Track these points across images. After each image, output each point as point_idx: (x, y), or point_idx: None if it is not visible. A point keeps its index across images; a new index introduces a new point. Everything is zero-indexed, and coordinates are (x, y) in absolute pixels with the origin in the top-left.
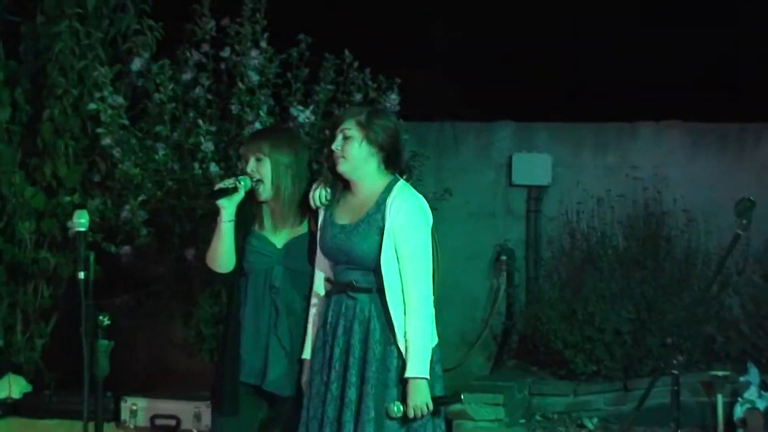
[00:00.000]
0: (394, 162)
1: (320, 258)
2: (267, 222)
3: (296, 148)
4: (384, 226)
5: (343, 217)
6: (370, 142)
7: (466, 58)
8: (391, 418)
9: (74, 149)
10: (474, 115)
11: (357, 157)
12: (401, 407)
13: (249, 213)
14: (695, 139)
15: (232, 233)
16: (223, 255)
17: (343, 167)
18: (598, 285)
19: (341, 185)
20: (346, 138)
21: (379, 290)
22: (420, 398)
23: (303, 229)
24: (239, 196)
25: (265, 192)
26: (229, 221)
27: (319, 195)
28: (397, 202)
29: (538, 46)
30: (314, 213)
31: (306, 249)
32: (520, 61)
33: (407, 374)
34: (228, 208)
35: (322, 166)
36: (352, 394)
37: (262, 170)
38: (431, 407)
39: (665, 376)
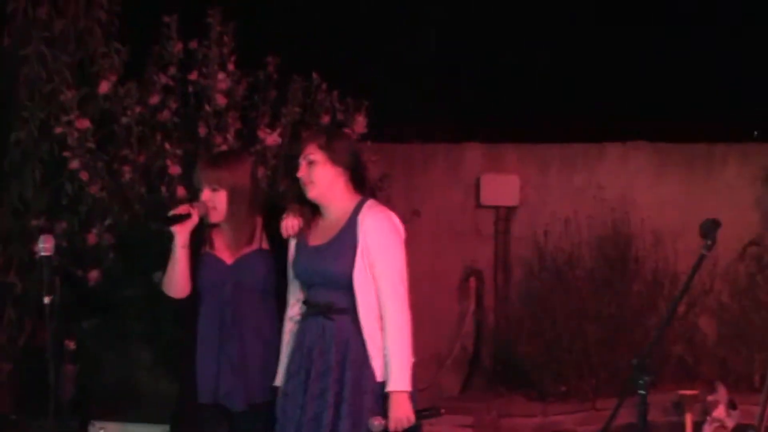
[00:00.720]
0: (360, 180)
1: (292, 283)
2: (218, 242)
3: (250, 174)
4: (356, 245)
5: (315, 239)
6: (334, 163)
7: (434, 79)
8: None
9: (41, 173)
10: (442, 135)
11: (324, 180)
12: (382, 422)
13: (200, 235)
14: (662, 159)
15: (187, 259)
16: (178, 280)
17: (312, 193)
18: (567, 305)
19: (309, 210)
20: (310, 163)
21: (355, 310)
22: (402, 411)
23: (253, 245)
24: (194, 222)
25: (217, 216)
26: (183, 247)
27: (290, 226)
28: (368, 220)
29: (505, 67)
30: (271, 234)
31: (256, 265)
32: (488, 81)
33: (389, 388)
34: (182, 233)
35: (287, 190)
36: (327, 416)
37: (217, 199)
38: (412, 420)
39: (633, 396)
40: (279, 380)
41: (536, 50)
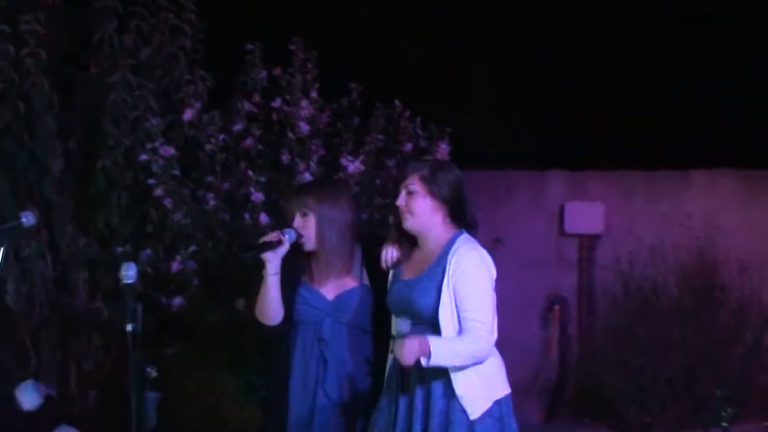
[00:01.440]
0: (459, 215)
1: (393, 314)
2: (314, 273)
3: (341, 201)
4: (443, 280)
5: (408, 272)
6: (434, 196)
7: (518, 105)
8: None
9: (126, 200)
10: (526, 163)
11: (422, 212)
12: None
13: (297, 264)
14: (748, 186)
15: (278, 286)
16: (270, 308)
17: (408, 223)
18: (651, 335)
19: (407, 241)
20: (410, 193)
21: None
22: (409, 348)
23: (354, 282)
24: (284, 249)
25: (310, 244)
26: (274, 274)
27: (388, 255)
28: (458, 255)
29: (589, 93)
30: (371, 267)
31: (357, 302)
32: (572, 107)
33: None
34: (273, 261)
35: (376, 217)
36: None
37: (307, 225)
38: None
39: (717, 428)
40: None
41: (621, 76)
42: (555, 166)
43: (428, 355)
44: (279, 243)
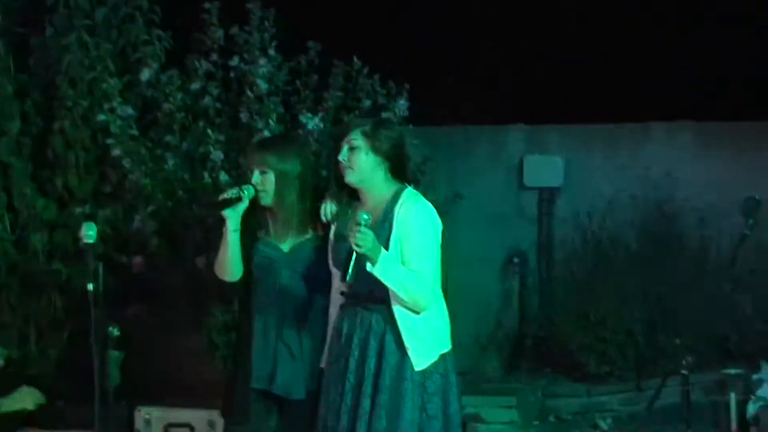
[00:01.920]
0: (400, 171)
1: (334, 272)
2: (272, 228)
3: (301, 158)
4: (390, 234)
5: None
6: (376, 152)
7: (476, 61)
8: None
9: (85, 161)
10: (485, 118)
11: (364, 167)
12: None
13: (254, 220)
14: (707, 138)
15: (238, 242)
16: (230, 264)
17: (350, 178)
18: (611, 286)
19: (347, 196)
20: (352, 149)
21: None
22: (367, 242)
23: (309, 234)
24: (243, 205)
25: (268, 199)
26: (235, 231)
27: (329, 209)
28: (403, 210)
29: (548, 48)
30: (324, 223)
31: (313, 253)
32: (531, 63)
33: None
34: (233, 218)
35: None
36: (366, 404)
37: (267, 182)
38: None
39: (677, 376)
40: (323, 363)
41: (579, 29)
42: (514, 121)
43: (375, 263)
44: (238, 199)
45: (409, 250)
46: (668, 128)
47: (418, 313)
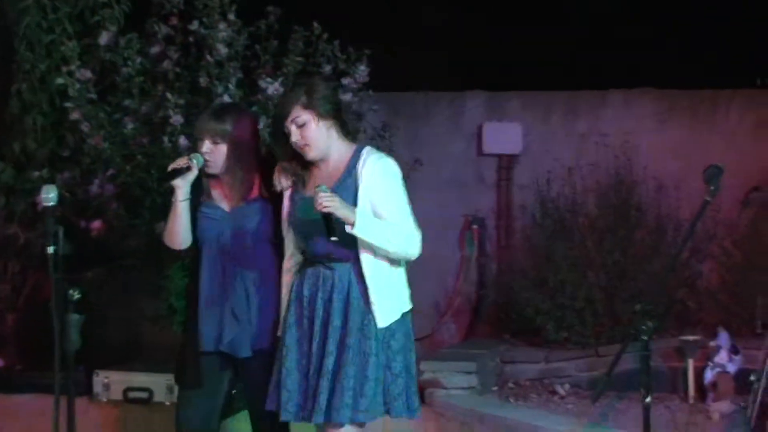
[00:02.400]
0: (346, 125)
1: (287, 235)
2: (215, 193)
3: (252, 129)
4: (356, 190)
5: (312, 189)
6: (321, 117)
7: (435, 27)
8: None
9: (43, 124)
10: (445, 84)
11: (318, 137)
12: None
13: (199, 186)
14: (666, 105)
15: (188, 211)
16: (179, 233)
17: (312, 154)
18: (569, 253)
19: (299, 163)
20: (300, 126)
21: (356, 258)
22: (335, 201)
23: (253, 196)
24: (193, 174)
25: (215, 169)
26: (184, 200)
27: (283, 182)
28: (368, 165)
29: (508, 14)
30: (270, 185)
31: (256, 211)
32: (490, 29)
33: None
34: (181, 187)
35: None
36: (329, 363)
37: (217, 152)
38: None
39: (636, 342)
40: (280, 331)
41: None
42: (473, 87)
43: (353, 224)
44: (188, 169)
45: (383, 205)
46: (627, 96)
47: (388, 270)
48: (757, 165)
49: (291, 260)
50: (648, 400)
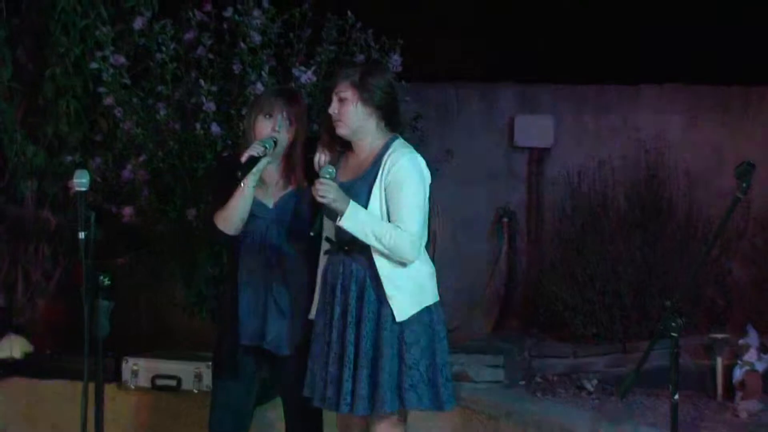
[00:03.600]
0: (393, 119)
1: (325, 220)
2: (257, 192)
3: (305, 113)
4: (375, 180)
5: (344, 176)
6: (365, 102)
7: (469, 19)
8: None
9: (76, 108)
10: (477, 76)
11: (354, 119)
12: (333, 173)
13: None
14: (698, 101)
15: (252, 198)
16: (239, 219)
17: (341, 130)
18: (599, 248)
19: (339, 146)
20: (341, 101)
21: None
22: (329, 193)
23: (291, 188)
24: (267, 160)
25: (280, 150)
26: (254, 186)
27: (322, 158)
28: (391, 159)
29: (541, 5)
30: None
31: (297, 204)
32: (523, 21)
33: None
34: (256, 174)
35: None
36: (350, 352)
37: (284, 132)
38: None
39: (665, 339)
40: (312, 313)
41: None
42: (505, 80)
43: (342, 216)
44: (264, 156)
45: (396, 201)
46: (659, 91)
47: (405, 265)
48: None
49: (327, 245)
50: (676, 397)
